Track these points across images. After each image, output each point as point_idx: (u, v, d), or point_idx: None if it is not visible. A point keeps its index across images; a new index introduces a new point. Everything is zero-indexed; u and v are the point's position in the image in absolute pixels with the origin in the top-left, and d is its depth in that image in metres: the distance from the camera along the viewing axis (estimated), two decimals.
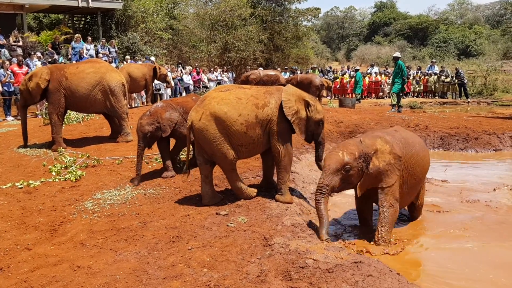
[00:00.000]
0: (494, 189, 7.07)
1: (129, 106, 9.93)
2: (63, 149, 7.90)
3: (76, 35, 16.35)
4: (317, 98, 14.83)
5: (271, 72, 16.56)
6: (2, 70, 12.46)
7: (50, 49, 15.65)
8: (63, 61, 14.83)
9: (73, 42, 15.79)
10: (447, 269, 4.42)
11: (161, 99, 14.98)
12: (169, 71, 15.61)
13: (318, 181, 4.83)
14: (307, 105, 5.49)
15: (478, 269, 4.43)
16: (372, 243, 4.92)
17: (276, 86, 5.68)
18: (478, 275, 4.31)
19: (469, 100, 20.44)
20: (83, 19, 22.62)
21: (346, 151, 4.77)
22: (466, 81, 21.23)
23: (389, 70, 23.91)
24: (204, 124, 5.13)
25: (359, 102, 18.08)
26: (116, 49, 17.30)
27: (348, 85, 21.10)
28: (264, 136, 5.31)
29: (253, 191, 5.51)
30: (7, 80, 12.32)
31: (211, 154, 5.28)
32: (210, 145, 5.18)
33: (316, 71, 21.99)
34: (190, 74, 17.35)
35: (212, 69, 19.85)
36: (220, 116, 5.10)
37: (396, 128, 5.50)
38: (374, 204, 5.43)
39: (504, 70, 27.33)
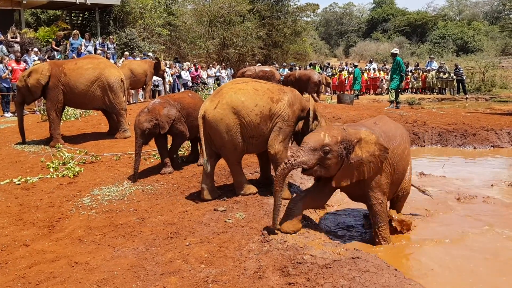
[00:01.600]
0: (492, 185, 7.10)
1: (127, 102, 9.91)
2: (61, 145, 7.90)
3: (74, 31, 16.30)
4: (316, 94, 14.89)
5: (266, 68, 16.58)
6: (1, 65, 12.43)
7: (54, 46, 15.60)
8: (61, 57, 14.77)
9: (71, 39, 15.75)
10: (443, 264, 4.44)
11: (159, 95, 14.97)
12: (168, 67, 15.59)
13: (290, 153, 4.46)
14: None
15: (474, 263, 4.44)
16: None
17: (289, 87, 5.81)
18: (474, 270, 4.33)
19: (467, 96, 20.45)
20: (81, 15, 22.54)
21: (328, 133, 4.47)
22: (465, 77, 21.25)
23: (387, 66, 23.90)
24: (220, 113, 5.13)
25: (358, 98, 18.10)
26: (115, 45, 17.27)
27: (346, 82, 21.10)
28: (271, 130, 5.35)
29: (254, 189, 5.50)
30: (6, 76, 12.30)
31: (220, 146, 5.26)
32: (222, 136, 5.17)
33: (317, 67, 21.98)
34: (188, 70, 17.31)
35: (210, 65, 19.82)
36: (237, 105, 5.12)
37: (376, 120, 5.12)
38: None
39: (503, 66, 27.30)
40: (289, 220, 4.47)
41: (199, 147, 6.86)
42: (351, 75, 20.07)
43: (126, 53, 16.61)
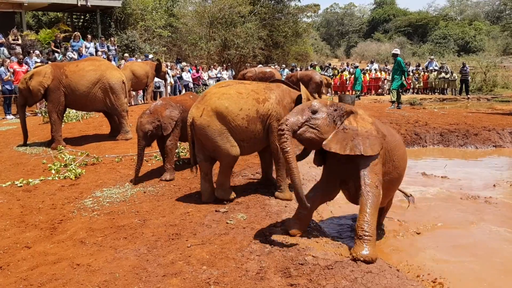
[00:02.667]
0: (494, 185, 7.08)
1: (129, 104, 9.92)
2: (62, 147, 7.91)
3: (75, 33, 16.34)
4: (317, 95, 14.88)
5: (266, 69, 16.58)
6: (2, 68, 12.46)
7: (53, 48, 15.63)
8: (63, 58, 14.78)
9: (71, 40, 15.78)
10: (445, 265, 4.43)
11: (160, 97, 14.99)
12: (169, 69, 15.61)
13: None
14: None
15: (478, 265, 4.44)
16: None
17: (276, 83, 5.64)
18: (478, 272, 4.32)
19: (469, 96, 20.44)
20: (82, 17, 22.59)
21: (318, 99, 4.46)
22: (469, 77, 21.26)
23: (388, 66, 23.90)
24: (206, 120, 5.07)
25: (359, 99, 18.09)
26: (116, 47, 17.30)
27: (347, 82, 21.10)
28: (264, 131, 5.28)
29: (233, 195, 5.35)
30: (9, 78, 12.33)
31: (213, 150, 5.21)
32: (213, 141, 5.11)
33: (318, 67, 21.98)
34: (188, 71, 17.33)
35: (211, 66, 19.83)
36: (221, 111, 5.04)
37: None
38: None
39: (504, 66, 27.29)
40: (298, 223, 4.35)
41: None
42: (352, 76, 20.08)
43: (126, 55, 16.63)
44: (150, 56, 17.11)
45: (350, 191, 4.45)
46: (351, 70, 21.18)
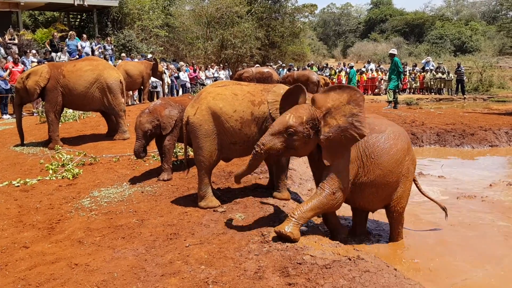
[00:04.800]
0: (491, 185, 7.12)
1: (126, 104, 9.91)
2: (60, 147, 7.89)
3: (70, 32, 16.29)
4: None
5: (264, 69, 16.58)
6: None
7: (47, 46, 15.58)
8: (62, 58, 14.74)
9: (67, 40, 15.75)
10: (441, 263, 4.45)
11: (157, 96, 14.97)
12: (165, 69, 15.59)
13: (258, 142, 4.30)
14: None
15: (474, 264, 4.46)
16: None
17: (275, 84, 5.59)
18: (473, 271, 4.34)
19: (465, 96, 20.51)
20: (79, 16, 22.54)
21: (294, 114, 4.25)
22: (465, 77, 21.33)
23: (382, 66, 23.98)
24: (199, 119, 5.04)
25: None
26: (112, 46, 17.26)
27: (345, 82, 21.14)
28: (259, 134, 5.09)
29: (216, 203, 5.21)
30: (5, 77, 12.28)
31: (196, 150, 5.12)
32: (201, 141, 5.05)
33: (314, 67, 22.01)
34: (185, 71, 17.32)
35: (209, 66, 19.82)
36: (215, 111, 5.00)
37: (368, 115, 4.71)
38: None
39: (500, 66, 27.40)
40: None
41: None
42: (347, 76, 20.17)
43: (123, 54, 16.59)
44: (149, 56, 17.07)
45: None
46: (347, 70, 21.24)
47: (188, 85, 17.10)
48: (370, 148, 4.47)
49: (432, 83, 22.01)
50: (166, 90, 15.60)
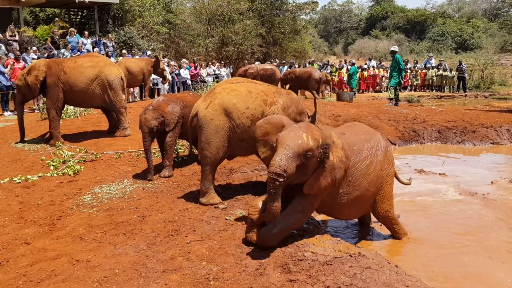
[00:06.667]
0: (492, 182, 7.11)
1: (127, 101, 9.90)
2: (61, 144, 7.90)
3: (71, 29, 16.27)
4: (317, 92, 14.88)
5: (267, 66, 16.58)
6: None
7: (49, 44, 15.57)
8: (66, 54, 14.72)
9: (67, 36, 15.72)
10: (442, 261, 4.45)
11: (158, 93, 14.96)
12: (166, 66, 15.58)
13: (273, 162, 3.66)
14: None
15: (474, 260, 4.46)
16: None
17: (286, 90, 5.68)
18: (474, 267, 4.34)
19: (466, 93, 20.48)
20: (80, 13, 22.49)
21: (311, 134, 3.82)
22: (466, 75, 21.30)
23: (383, 63, 23.95)
24: (211, 113, 5.02)
25: (355, 95, 18.12)
26: (114, 43, 17.24)
27: (345, 79, 21.12)
28: None
29: (218, 199, 5.21)
30: (7, 72, 12.28)
31: (203, 145, 5.07)
32: (210, 136, 5.03)
33: (315, 64, 22.01)
34: (186, 68, 17.30)
35: (209, 63, 19.81)
36: (229, 106, 5.01)
37: (345, 130, 4.58)
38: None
39: (501, 64, 27.37)
40: None
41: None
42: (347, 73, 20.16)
43: (124, 51, 16.58)
44: (149, 52, 17.05)
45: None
46: (349, 67, 21.23)
47: (189, 82, 17.07)
48: (349, 173, 4.25)
49: (433, 80, 21.98)
50: (167, 87, 15.60)
